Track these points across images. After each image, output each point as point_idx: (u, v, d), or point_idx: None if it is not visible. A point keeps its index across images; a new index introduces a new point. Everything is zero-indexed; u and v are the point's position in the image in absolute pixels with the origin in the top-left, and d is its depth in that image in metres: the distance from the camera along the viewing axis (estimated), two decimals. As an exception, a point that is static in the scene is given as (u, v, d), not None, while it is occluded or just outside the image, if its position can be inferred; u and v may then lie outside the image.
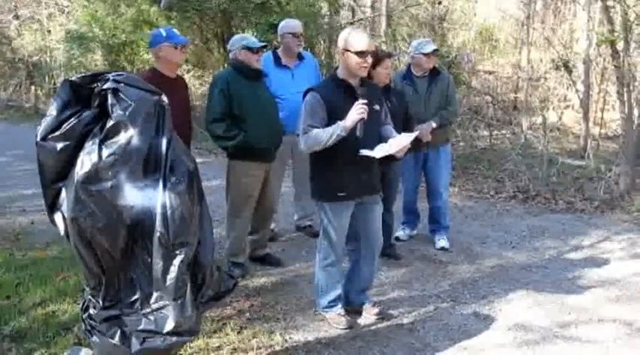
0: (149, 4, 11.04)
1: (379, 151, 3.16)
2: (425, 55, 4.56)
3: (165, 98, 2.31)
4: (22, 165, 7.73)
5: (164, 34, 3.87)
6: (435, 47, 4.60)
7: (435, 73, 4.72)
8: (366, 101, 3.11)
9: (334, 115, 3.16)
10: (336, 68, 3.39)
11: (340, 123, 3.10)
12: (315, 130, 3.16)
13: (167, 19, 10.89)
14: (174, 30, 4.00)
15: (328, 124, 3.17)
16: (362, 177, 3.30)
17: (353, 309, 3.65)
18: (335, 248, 3.42)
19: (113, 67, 11.80)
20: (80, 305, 2.52)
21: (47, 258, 4.57)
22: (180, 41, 3.91)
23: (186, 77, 11.97)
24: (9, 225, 5.55)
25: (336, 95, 3.21)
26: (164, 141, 2.25)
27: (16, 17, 17.52)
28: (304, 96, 3.29)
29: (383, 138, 3.31)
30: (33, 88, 15.70)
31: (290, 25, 4.78)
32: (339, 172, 3.24)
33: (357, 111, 3.08)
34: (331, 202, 3.32)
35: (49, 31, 16.13)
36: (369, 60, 3.20)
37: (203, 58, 12.51)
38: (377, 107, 3.36)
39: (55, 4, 16.28)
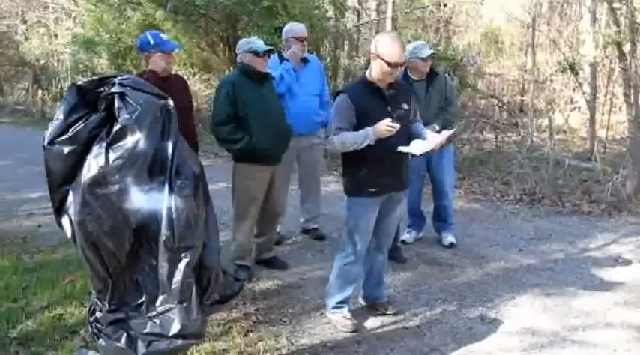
0: (154, 8, 11.09)
1: (418, 148, 3.21)
2: (422, 59, 4.56)
3: (171, 102, 2.32)
4: (29, 168, 7.76)
5: (152, 42, 3.82)
6: (431, 51, 4.61)
7: (431, 75, 4.72)
8: (397, 125, 3.14)
9: (363, 116, 3.22)
10: (367, 66, 3.46)
11: (370, 133, 3.14)
12: (344, 134, 3.20)
13: (173, 23, 10.94)
14: (162, 35, 3.94)
15: (357, 125, 3.21)
16: (392, 173, 3.35)
17: (368, 303, 3.75)
18: (357, 246, 3.43)
19: (119, 71, 11.86)
20: (87, 308, 2.53)
21: (54, 261, 4.59)
22: (167, 49, 3.87)
23: (192, 80, 12.05)
24: (16, 228, 5.58)
25: (364, 96, 3.27)
26: (170, 145, 2.25)
27: (24, 21, 17.67)
28: (335, 97, 3.37)
29: (413, 136, 3.36)
30: (40, 91, 15.80)
31: (294, 29, 4.79)
32: (370, 169, 3.28)
33: (386, 129, 3.11)
34: (361, 197, 3.36)
35: (56, 36, 16.25)
36: (398, 71, 3.28)
37: (209, 61, 12.56)
38: (405, 106, 3.39)
39: (62, 8, 16.41)
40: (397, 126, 3.14)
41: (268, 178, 4.16)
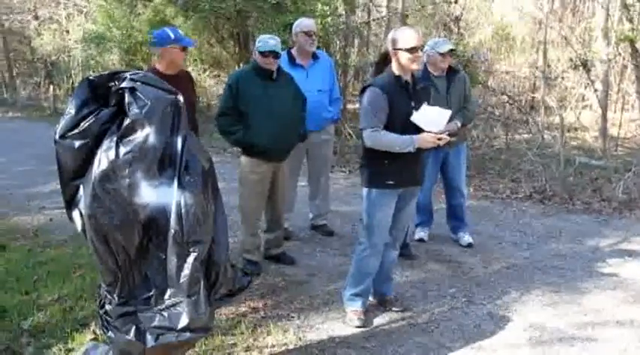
0: (165, 4, 11.11)
1: (430, 118, 3.26)
2: (440, 54, 4.53)
3: (181, 97, 2.33)
4: (41, 163, 7.83)
5: (172, 36, 3.89)
6: (451, 47, 4.57)
7: (452, 72, 4.70)
8: (447, 137, 3.27)
9: (393, 107, 3.27)
10: (378, 63, 3.50)
11: (414, 142, 3.22)
12: (386, 134, 3.25)
13: (183, 19, 10.96)
14: (180, 31, 4.03)
15: (389, 113, 3.26)
16: (411, 167, 3.39)
17: (376, 299, 3.77)
18: (374, 239, 3.45)
19: (129, 66, 11.91)
20: (97, 301, 2.55)
21: (65, 254, 4.63)
22: (186, 44, 3.97)
23: (202, 77, 12.09)
24: (28, 222, 5.64)
25: (392, 88, 3.30)
26: (179, 140, 2.27)
27: (36, 17, 17.79)
28: (362, 92, 3.39)
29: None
30: (51, 87, 15.91)
31: (303, 24, 4.79)
32: (392, 161, 3.31)
33: (433, 142, 3.22)
34: (379, 189, 3.38)
35: (68, 31, 16.35)
36: (420, 53, 3.28)
37: (219, 58, 12.58)
38: (426, 104, 3.43)
39: (74, 4, 16.51)
40: (446, 138, 3.25)
41: (270, 174, 4.18)
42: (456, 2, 10.44)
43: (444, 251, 4.82)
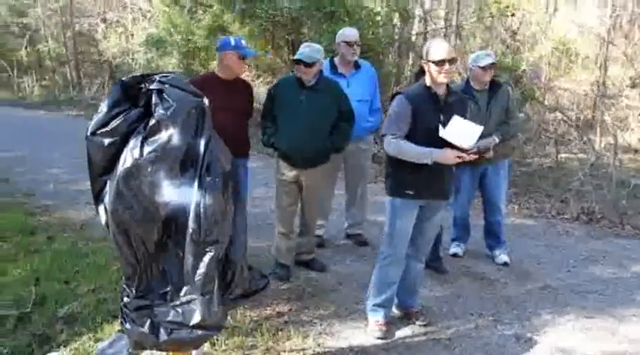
0: (223, 10, 11.40)
1: (453, 131, 3.22)
2: (481, 68, 4.46)
3: (206, 101, 2.40)
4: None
5: (232, 42, 4.06)
6: (492, 60, 4.49)
7: (495, 86, 4.61)
8: (466, 156, 3.23)
9: (418, 117, 3.29)
10: (418, 73, 3.51)
11: (434, 155, 3.22)
12: (406, 144, 3.26)
13: (240, 26, 11.21)
14: (244, 41, 4.18)
15: (412, 123, 3.26)
16: (432, 180, 3.36)
17: (401, 311, 3.77)
18: (394, 248, 3.46)
19: (187, 70, 12.26)
20: (120, 294, 2.65)
21: (105, 248, 4.80)
22: (245, 54, 4.09)
23: (256, 83, 12.28)
24: (76, 216, 5.90)
25: (420, 99, 3.32)
26: (202, 142, 2.34)
27: (104, 21, 18.60)
28: (392, 99, 3.43)
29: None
30: (113, 88, 16.56)
31: (345, 33, 4.82)
32: (411, 172, 3.32)
33: (452, 158, 3.21)
34: (399, 198, 3.40)
35: (132, 35, 16.99)
36: (447, 66, 3.25)
37: (273, 65, 12.77)
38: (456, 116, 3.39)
39: (139, 9, 17.15)
40: (473, 156, 3.23)
41: (294, 178, 4.25)
42: (512, 15, 10.22)
43: (478, 268, 4.73)
